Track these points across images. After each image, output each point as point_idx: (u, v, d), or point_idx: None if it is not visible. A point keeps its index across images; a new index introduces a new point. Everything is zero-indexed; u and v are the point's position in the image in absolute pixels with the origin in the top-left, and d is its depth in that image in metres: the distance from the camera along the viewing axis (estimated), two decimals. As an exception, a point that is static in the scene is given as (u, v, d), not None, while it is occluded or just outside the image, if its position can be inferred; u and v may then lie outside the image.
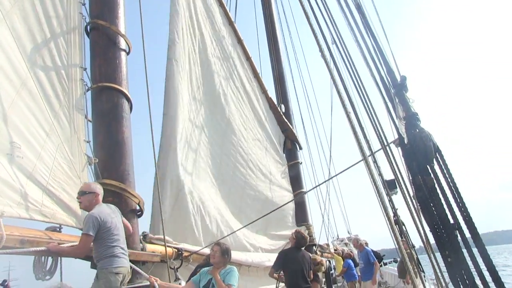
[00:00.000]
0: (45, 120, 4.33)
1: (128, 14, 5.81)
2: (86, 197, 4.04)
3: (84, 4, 5.32)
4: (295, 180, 12.46)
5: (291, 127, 13.05)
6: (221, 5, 9.93)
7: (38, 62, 4.47)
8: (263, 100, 11.57)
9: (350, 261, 11.49)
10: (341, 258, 13.11)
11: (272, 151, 11.51)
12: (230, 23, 10.31)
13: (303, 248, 6.33)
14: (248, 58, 11.05)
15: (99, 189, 4.16)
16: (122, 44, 5.52)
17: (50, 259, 4.15)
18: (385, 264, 16.84)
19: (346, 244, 18.66)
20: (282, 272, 6.13)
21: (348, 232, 21.19)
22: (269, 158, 11.16)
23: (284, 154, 12.52)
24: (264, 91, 11.67)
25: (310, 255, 6.62)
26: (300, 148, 13.72)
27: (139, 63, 5.51)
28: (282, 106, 13.09)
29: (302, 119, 18.76)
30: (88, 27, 5.39)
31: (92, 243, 3.86)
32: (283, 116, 12.52)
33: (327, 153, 16.56)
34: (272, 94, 12.33)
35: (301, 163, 13.19)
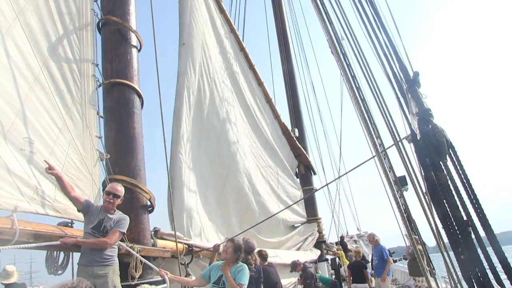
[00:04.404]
0: (57, 116, 4.36)
1: (139, 12, 5.83)
2: (118, 201, 4.19)
3: (96, 1, 5.35)
4: (310, 206, 12.46)
5: (305, 153, 12.85)
6: (232, 31, 9.78)
7: (51, 58, 4.50)
8: (275, 126, 11.44)
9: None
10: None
11: (285, 176, 11.35)
12: (242, 49, 10.17)
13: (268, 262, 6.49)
14: (260, 84, 10.91)
15: None
16: (133, 40, 5.54)
17: (62, 254, 4.19)
18: (395, 261, 16.73)
19: (355, 241, 18.60)
20: None
21: (358, 229, 21.15)
22: (282, 184, 11.00)
23: (298, 179, 12.39)
24: (276, 116, 11.54)
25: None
26: (314, 174, 13.44)
27: (150, 60, 5.52)
28: (296, 130, 12.90)
29: (312, 115, 18.52)
30: (100, 23, 5.42)
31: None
32: (297, 142, 12.37)
33: (336, 150, 16.47)
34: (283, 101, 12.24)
35: (315, 189, 12.92)
